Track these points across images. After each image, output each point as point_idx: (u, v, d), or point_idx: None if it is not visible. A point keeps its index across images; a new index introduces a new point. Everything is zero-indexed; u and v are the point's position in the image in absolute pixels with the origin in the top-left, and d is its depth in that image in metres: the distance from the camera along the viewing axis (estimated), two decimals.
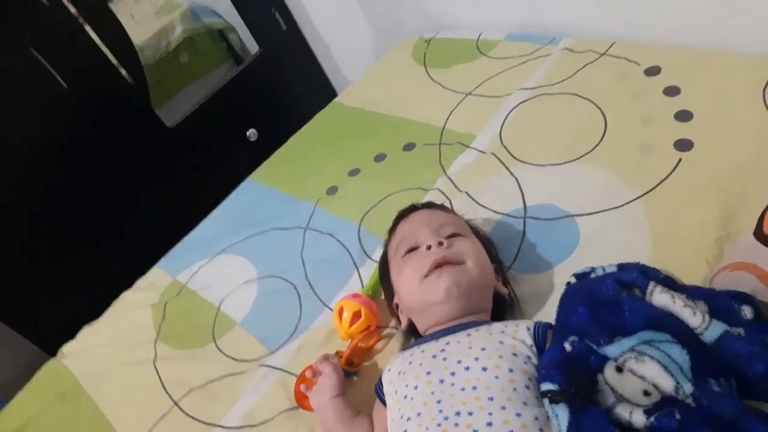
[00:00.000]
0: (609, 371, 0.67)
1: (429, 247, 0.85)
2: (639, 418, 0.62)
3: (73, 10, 1.70)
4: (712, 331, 0.66)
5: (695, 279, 0.82)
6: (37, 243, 1.77)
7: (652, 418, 0.61)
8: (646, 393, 0.64)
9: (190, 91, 2.28)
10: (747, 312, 0.68)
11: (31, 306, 1.79)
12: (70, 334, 1.30)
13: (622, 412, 0.63)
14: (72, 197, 1.81)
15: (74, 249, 1.83)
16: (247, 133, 2.20)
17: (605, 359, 0.68)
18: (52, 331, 1.49)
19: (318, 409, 0.87)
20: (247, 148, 2.18)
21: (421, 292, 0.82)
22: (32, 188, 1.74)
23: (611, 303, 0.71)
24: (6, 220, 1.70)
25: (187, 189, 2.01)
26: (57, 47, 1.68)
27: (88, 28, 1.74)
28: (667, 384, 0.63)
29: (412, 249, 0.87)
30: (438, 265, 0.82)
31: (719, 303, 0.70)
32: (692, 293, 0.72)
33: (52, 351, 1.28)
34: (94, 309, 1.34)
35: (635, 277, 0.75)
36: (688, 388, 0.62)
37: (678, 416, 0.60)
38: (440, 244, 0.84)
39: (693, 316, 0.67)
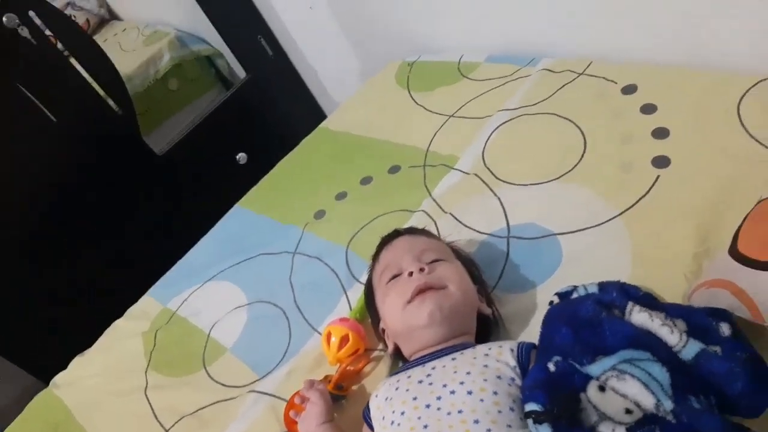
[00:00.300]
0: (592, 390, 0.68)
1: (411, 274, 0.86)
2: None
3: (59, 45, 1.72)
4: (689, 349, 0.67)
5: (675, 294, 0.83)
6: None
7: None
8: (628, 411, 0.65)
9: (179, 118, 2.30)
10: (725, 329, 0.69)
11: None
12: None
13: (605, 430, 0.64)
14: (61, 231, 1.83)
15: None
16: (237, 157, 2.22)
17: (588, 378, 0.69)
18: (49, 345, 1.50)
19: None
20: (238, 171, 2.19)
21: (404, 317, 0.84)
22: (23, 218, 1.75)
23: (592, 323, 0.72)
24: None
25: (178, 213, 2.02)
26: (44, 82, 1.70)
27: (74, 62, 1.76)
28: (647, 401, 0.64)
29: (396, 276, 0.88)
30: (420, 291, 0.83)
31: (697, 320, 0.71)
32: (671, 311, 0.73)
33: (45, 368, 1.29)
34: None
35: (615, 297, 0.76)
36: (668, 405, 0.63)
37: None
38: (422, 270, 0.86)
39: (671, 334, 0.68)
